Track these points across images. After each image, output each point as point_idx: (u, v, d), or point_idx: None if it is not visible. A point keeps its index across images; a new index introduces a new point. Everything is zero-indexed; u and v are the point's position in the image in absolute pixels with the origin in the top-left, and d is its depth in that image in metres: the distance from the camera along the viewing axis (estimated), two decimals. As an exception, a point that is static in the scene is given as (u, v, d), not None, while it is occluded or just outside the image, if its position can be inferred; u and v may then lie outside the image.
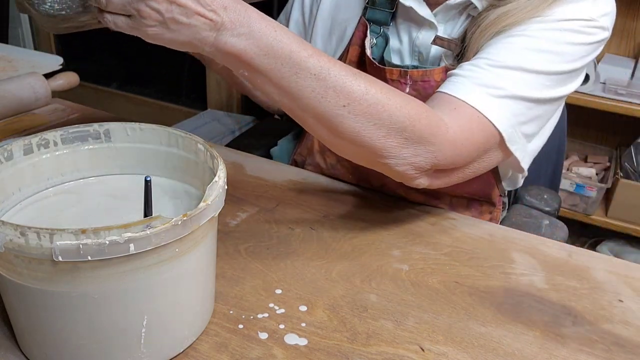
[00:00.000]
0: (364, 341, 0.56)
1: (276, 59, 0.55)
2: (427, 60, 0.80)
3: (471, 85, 0.67)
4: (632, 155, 1.71)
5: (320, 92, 0.57)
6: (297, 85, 0.57)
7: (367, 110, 0.59)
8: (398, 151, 0.62)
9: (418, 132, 0.61)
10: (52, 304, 0.46)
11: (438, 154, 0.64)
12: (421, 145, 0.62)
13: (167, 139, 0.61)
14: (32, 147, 0.58)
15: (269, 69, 0.56)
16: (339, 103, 0.58)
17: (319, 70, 0.57)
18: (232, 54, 0.55)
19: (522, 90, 0.68)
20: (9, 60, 1.26)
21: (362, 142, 0.61)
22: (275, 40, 0.55)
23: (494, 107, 0.66)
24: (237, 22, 0.53)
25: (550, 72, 0.69)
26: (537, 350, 0.57)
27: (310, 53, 0.57)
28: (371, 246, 0.72)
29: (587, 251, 0.74)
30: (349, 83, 0.58)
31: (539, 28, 0.69)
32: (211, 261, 0.55)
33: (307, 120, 0.61)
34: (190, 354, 0.54)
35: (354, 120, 0.59)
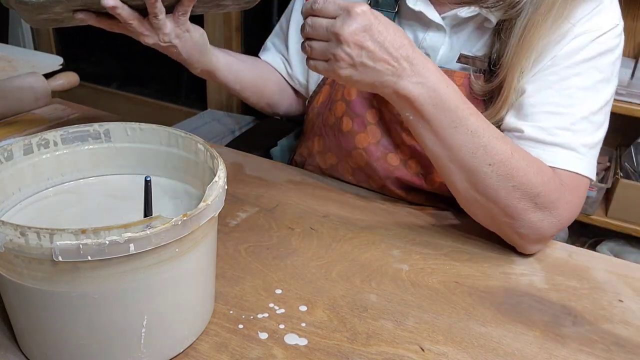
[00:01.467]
0: (364, 341, 0.56)
1: (442, 110, 0.62)
2: (434, 62, 0.80)
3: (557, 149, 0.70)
4: (632, 155, 1.71)
5: (471, 148, 0.64)
6: (453, 138, 0.64)
7: (509, 173, 0.64)
8: (527, 215, 0.66)
9: (548, 199, 0.66)
10: (52, 304, 0.46)
11: (561, 218, 0.68)
12: (547, 211, 0.67)
13: (167, 139, 0.61)
14: (32, 147, 0.58)
15: (433, 118, 0.63)
16: (486, 161, 0.64)
17: (475, 128, 0.63)
18: (407, 99, 0.62)
19: (596, 134, 0.72)
20: (9, 60, 1.26)
21: (497, 201, 0.66)
22: (445, 94, 0.62)
23: (583, 163, 0.70)
24: (416, 72, 0.61)
25: (607, 101, 0.72)
26: (537, 350, 0.57)
27: (471, 112, 0.64)
28: (371, 246, 0.72)
29: (587, 251, 0.74)
30: (498, 145, 0.64)
31: (582, 59, 0.71)
32: (211, 261, 0.55)
33: (452, 170, 0.67)
34: (190, 354, 0.54)
35: (495, 179, 0.65)
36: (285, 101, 1.00)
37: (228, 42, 2.18)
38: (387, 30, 0.61)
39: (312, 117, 0.92)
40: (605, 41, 0.72)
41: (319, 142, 0.90)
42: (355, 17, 0.59)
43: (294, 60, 0.96)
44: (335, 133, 0.86)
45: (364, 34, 0.60)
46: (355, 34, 0.59)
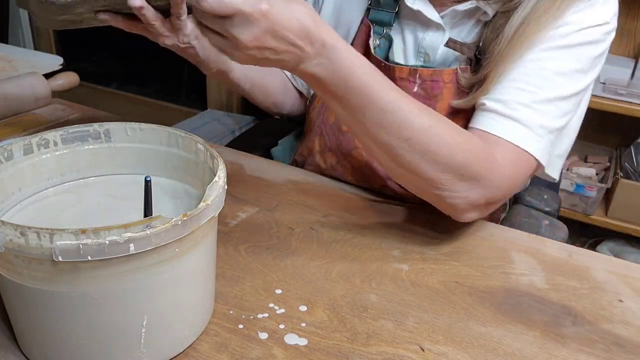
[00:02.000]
0: (364, 341, 0.56)
1: (350, 89, 0.59)
2: (434, 61, 0.80)
3: (520, 127, 0.69)
4: (632, 155, 1.71)
5: (384, 125, 0.61)
6: (365, 116, 0.61)
7: (428, 147, 0.62)
8: (453, 186, 0.65)
9: (474, 169, 0.64)
10: (52, 304, 0.46)
11: (492, 189, 0.66)
12: (476, 182, 0.65)
13: (167, 139, 0.61)
14: (32, 147, 0.58)
15: (342, 96, 0.60)
16: (402, 136, 0.61)
17: (386, 105, 0.60)
18: (312, 78, 0.60)
19: (562, 121, 0.71)
20: (9, 60, 1.26)
21: (420, 173, 0.64)
22: (352, 73, 0.59)
23: (534, 142, 0.69)
24: (319, 53, 0.57)
25: (579, 90, 0.71)
26: (537, 350, 0.57)
27: (382, 88, 0.60)
28: (371, 246, 0.72)
29: (587, 251, 0.74)
30: (414, 119, 0.61)
31: (563, 45, 0.70)
32: (211, 261, 0.55)
33: (370, 145, 0.64)
34: (190, 354, 0.54)
35: (414, 153, 0.62)
36: (289, 101, 1.00)
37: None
38: (290, 21, 0.55)
39: (312, 117, 0.92)
40: (591, 34, 0.71)
41: (319, 142, 0.90)
42: (255, 22, 0.53)
43: None
44: (335, 133, 0.86)
45: (266, 35, 0.54)
46: (255, 40, 0.54)
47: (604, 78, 1.64)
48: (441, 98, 0.77)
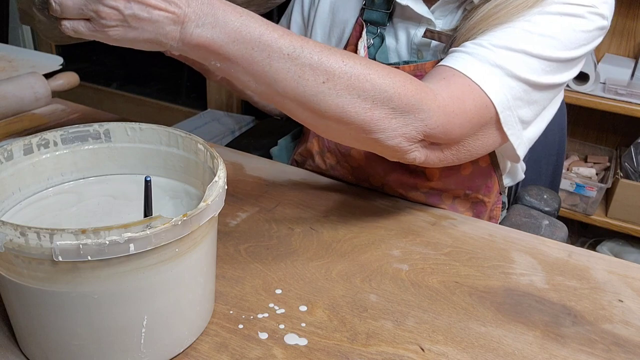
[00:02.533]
0: (364, 341, 0.56)
1: (245, 44, 0.54)
2: (427, 57, 0.80)
3: (469, 57, 0.66)
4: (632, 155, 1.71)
5: (296, 72, 0.56)
6: (272, 69, 0.55)
7: (349, 83, 0.57)
8: (387, 123, 0.60)
9: (405, 100, 0.59)
10: (52, 304, 0.46)
11: (428, 121, 0.61)
12: (410, 114, 0.60)
13: (167, 139, 0.61)
14: (32, 147, 0.58)
15: (240, 56, 0.54)
16: (317, 80, 0.56)
17: (291, 50, 0.55)
18: (201, 45, 0.53)
19: (522, 71, 0.66)
20: (9, 60, 1.26)
21: (348, 119, 0.59)
22: (242, 25, 0.53)
23: (488, 79, 0.65)
24: (200, 13, 0.52)
25: (551, 57, 0.67)
26: (537, 350, 0.57)
27: (280, 34, 0.55)
28: (371, 246, 0.72)
29: (587, 251, 0.74)
30: (325, 58, 0.56)
31: (539, 12, 0.67)
32: (211, 261, 0.55)
33: (288, 104, 0.59)
34: (190, 354, 0.54)
35: (336, 96, 0.57)
36: None
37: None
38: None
39: None
40: (572, 9, 0.68)
41: (318, 143, 0.90)
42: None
43: None
44: None
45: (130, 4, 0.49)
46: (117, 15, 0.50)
47: (604, 78, 1.65)
48: None
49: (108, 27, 0.51)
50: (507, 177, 0.89)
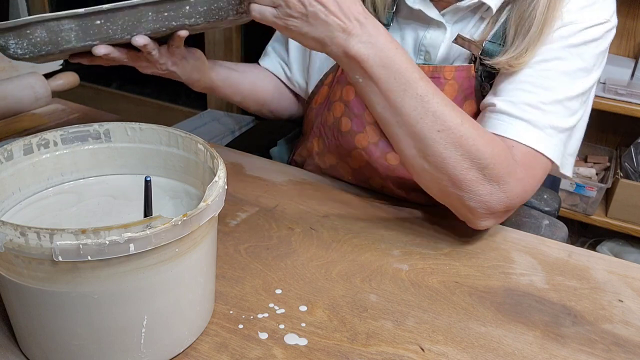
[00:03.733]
0: (364, 341, 0.56)
1: (391, 71, 0.62)
2: (434, 59, 0.80)
3: (528, 126, 0.70)
4: (632, 155, 1.71)
5: (420, 113, 0.63)
6: (402, 101, 0.63)
7: (458, 141, 0.64)
8: (476, 186, 0.66)
9: (496, 171, 0.65)
10: (52, 304, 0.46)
11: (510, 194, 0.67)
12: (497, 185, 0.66)
13: (167, 139, 0.61)
14: (32, 147, 0.58)
15: (383, 79, 0.62)
16: (434, 127, 0.63)
17: (424, 93, 0.62)
18: (357, 58, 0.62)
19: (570, 119, 0.72)
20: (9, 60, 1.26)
21: (446, 170, 0.65)
22: (394, 56, 0.62)
23: (547, 143, 0.70)
24: (366, 32, 0.61)
25: (585, 90, 0.73)
26: (537, 350, 0.57)
27: (420, 76, 0.63)
28: (371, 246, 0.72)
29: (587, 251, 0.74)
30: (447, 112, 0.63)
31: (567, 45, 0.71)
32: (211, 261, 0.55)
33: (401, 137, 0.66)
34: (190, 354, 0.54)
35: (444, 146, 0.64)
36: (286, 106, 1.01)
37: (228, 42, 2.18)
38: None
39: (310, 118, 0.92)
40: (593, 33, 0.72)
41: (318, 143, 0.90)
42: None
43: (294, 63, 0.96)
44: (335, 133, 0.86)
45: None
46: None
47: (604, 78, 1.64)
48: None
49: (290, 17, 0.60)
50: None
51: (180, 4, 0.64)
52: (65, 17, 0.60)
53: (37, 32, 0.60)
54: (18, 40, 0.60)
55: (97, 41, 0.63)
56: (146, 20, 0.64)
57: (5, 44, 0.60)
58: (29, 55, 0.62)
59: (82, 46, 0.63)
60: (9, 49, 0.61)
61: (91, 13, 0.61)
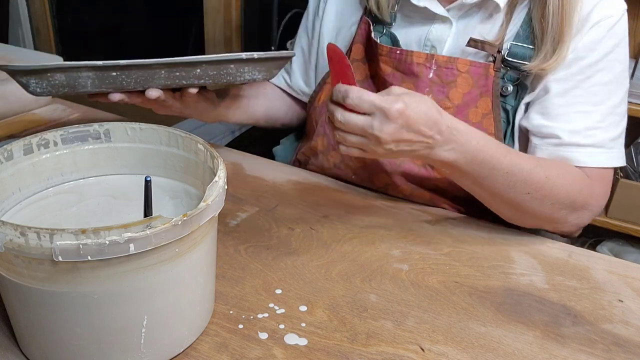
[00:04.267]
0: (364, 341, 0.56)
1: (477, 164, 0.67)
2: (441, 54, 0.80)
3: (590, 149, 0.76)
4: (632, 155, 1.71)
5: (509, 184, 0.69)
6: (491, 181, 0.69)
7: (547, 194, 0.71)
8: (565, 218, 0.74)
9: (582, 201, 0.74)
10: (52, 304, 0.46)
11: (594, 210, 0.76)
12: (584, 210, 0.75)
13: (167, 139, 0.61)
14: (32, 147, 0.58)
15: (471, 171, 0.68)
16: (523, 191, 0.70)
17: (509, 168, 0.68)
18: (443, 163, 0.67)
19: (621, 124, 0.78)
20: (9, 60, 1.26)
21: (540, 216, 0.74)
22: (476, 150, 0.66)
23: (611, 157, 0.77)
24: (448, 140, 0.64)
25: (626, 88, 0.77)
26: (537, 350, 0.57)
27: (503, 153, 0.68)
28: (371, 246, 0.72)
29: (587, 251, 0.74)
30: (533, 175, 0.69)
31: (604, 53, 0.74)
32: (211, 261, 0.55)
33: (495, 203, 0.74)
34: (190, 354, 0.54)
35: (535, 203, 0.71)
36: (295, 115, 1.03)
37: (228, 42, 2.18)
38: (420, 114, 0.61)
39: (314, 117, 0.92)
40: (619, 31, 0.75)
41: (322, 142, 0.90)
42: (393, 120, 0.60)
43: (295, 69, 0.97)
44: None
45: (402, 130, 0.61)
46: (394, 134, 0.61)
47: (604, 78, 1.64)
48: (454, 85, 0.78)
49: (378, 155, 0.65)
50: None
51: (191, 67, 0.68)
52: (85, 67, 0.65)
53: (57, 76, 0.65)
54: (38, 81, 0.65)
55: (111, 89, 0.68)
56: (159, 77, 0.69)
57: (26, 83, 0.65)
58: (46, 94, 0.67)
59: (98, 91, 0.68)
60: (29, 87, 0.66)
61: (108, 67, 0.65)
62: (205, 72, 0.69)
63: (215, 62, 0.69)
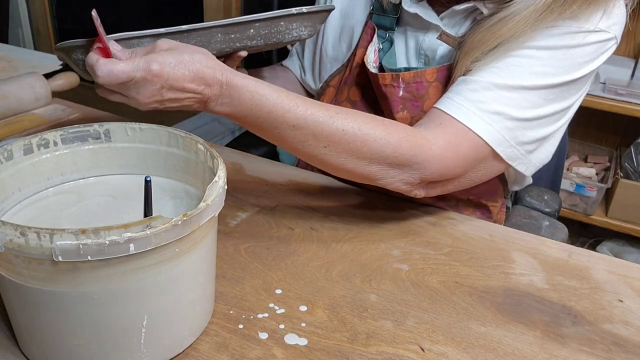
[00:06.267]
0: (364, 341, 0.56)
1: (255, 118, 0.64)
2: (433, 62, 0.81)
3: (468, 104, 0.70)
4: (632, 155, 1.71)
5: (300, 139, 0.65)
6: (280, 135, 0.65)
7: (347, 147, 0.66)
8: (384, 174, 0.68)
9: (400, 157, 0.67)
10: (52, 304, 0.46)
11: (424, 170, 0.68)
12: (405, 167, 0.68)
13: (167, 139, 0.61)
14: (32, 147, 0.58)
15: (253, 124, 0.65)
16: (319, 145, 0.65)
17: (296, 122, 0.64)
18: (221, 115, 0.65)
19: (521, 111, 0.70)
20: (9, 60, 1.26)
21: (348, 172, 0.69)
22: (253, 105, 0.63)
23: (481, 121, 0.69)
24: (219, 95, 0.62)
25: (552, 84, 0.70)
26: (537, 350, 0.57)
27: (287, 108, 0.64)
28: (371, 246, 0.72)
29: (587, 251, 0.74)
30: (327, 127, 0.65)
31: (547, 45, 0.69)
32: (211, 261, 0.55)
33: (303, 157, 0.69)
34: (190, 354, 0.54)
35: (336, 157, 0.66)
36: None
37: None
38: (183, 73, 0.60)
39: None
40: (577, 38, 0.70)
41: None
42: (152, 83, 0.59)
43: (307, 65, 0.98)
44: None
45: (162, 90, 0.60)
46: (154, 96, 0.60)
47: (604, 78, 1.64)
48: (427, 97, 0.78)
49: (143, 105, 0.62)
50: (514, 184, 0.89)
51: (245, 27, 0.70)
52: (148, 36, 0.65)
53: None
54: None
55: None
56: (215, 40, 0.70)
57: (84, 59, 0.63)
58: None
59: None
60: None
61: (171, 32, 0.66)
62: (258, 32, 0.70)
63: (268, 19, 0.70)
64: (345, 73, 0.88)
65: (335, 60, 0.91)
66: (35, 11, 2.65)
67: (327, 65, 0.93)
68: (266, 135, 0.67)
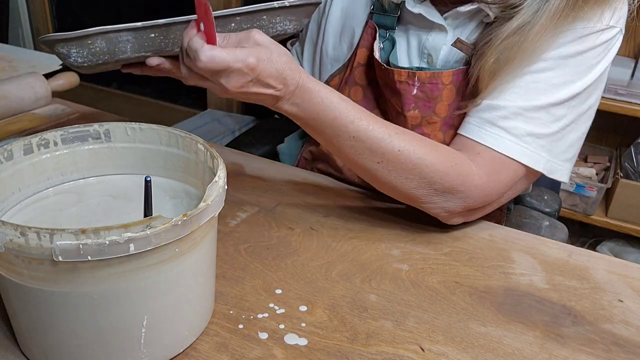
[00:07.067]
0: (364, 341, 0.56)
1: (320, 123, 0.67)
2: (436, 63, 0.80)
3: (496, 130, 0.72)
4: (632, 155, 1.71)
5: (357, 150, 0.68)
6: (338, 143, 0.68)
7: (399, 167, 0.68)
8: (429, 198, 0.71)
9: (447, 184, 0.69)
10: (52, 304, 0.46)
11: (467, 199, 0.71)
12: (450, 194, 0.70)
13: (167, 139, 0.61)
14: (32, 147, 0.58)
15: (316, 129, 0.68)
16: (373, 160, 0.68)
17: (356, 134, 0.67)
18: (288, 114, 0.67)
19: (552, 127, 0.72)
20: (9, 60, 1.26)
21: (395, 191, 0.72)
22: (320, 110, 0.66)
23: (517, 147, 0.72)
24: (292, 95, 0.65)
25: (574, 94, 0.72)
26: (537, 350, 0.57)
27: (351, 119, 0.67)
28: (371, 246, 0.72)
29: (587, 251, 0.74)
30: (384, 144, 0.67)
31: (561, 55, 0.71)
32: (211, 261, 0.55)
33: (353, 167, 0.71)
34: (190, 354, 0.54)
35: (387, 174, 0.69)
36: None
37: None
38: (272, 70, 0.62)
39: None
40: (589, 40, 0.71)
41: None
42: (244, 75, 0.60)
43: (306, 67, 0.98)
44: None
45: (250, 84, 0.62)
46: (242, 87, 0.62)
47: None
48: (440, 99, 0.78)
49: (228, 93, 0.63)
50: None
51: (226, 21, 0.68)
52: (124, 30, 0.64)
53: (97, 42, 0.65)
54: (79, 50, 0.65)
55: (149, 53, 0.67)
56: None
57: (67, 53, 0.64)
58: (87, 64, 0.66)
59: (136, 57, 0.68)
60: (71, 57, 0.65)
61: (147, 27, 0.65)
62: (240, 26, 0.69)
63: (249, 12, 0.69)
64: (345, 73, 0.88)
65: (335, 61, 0.91)
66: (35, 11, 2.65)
67: (327, 65, 0.92)
68: (325, 141, 0.69)
